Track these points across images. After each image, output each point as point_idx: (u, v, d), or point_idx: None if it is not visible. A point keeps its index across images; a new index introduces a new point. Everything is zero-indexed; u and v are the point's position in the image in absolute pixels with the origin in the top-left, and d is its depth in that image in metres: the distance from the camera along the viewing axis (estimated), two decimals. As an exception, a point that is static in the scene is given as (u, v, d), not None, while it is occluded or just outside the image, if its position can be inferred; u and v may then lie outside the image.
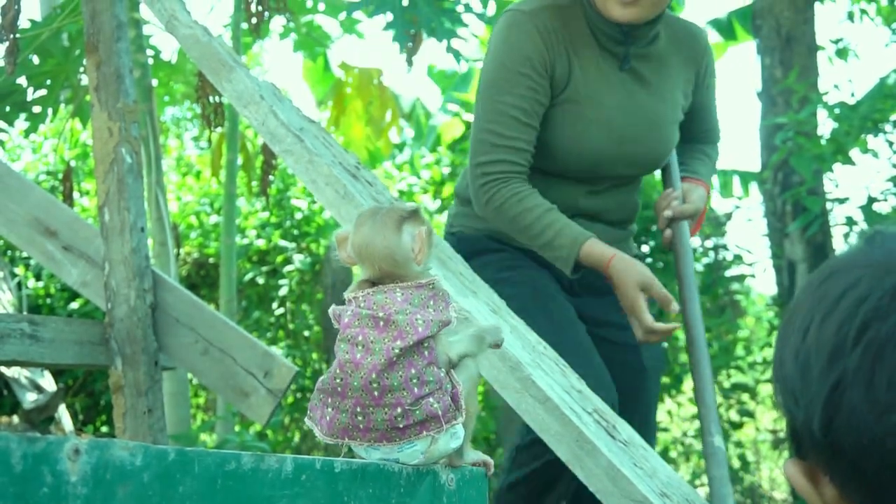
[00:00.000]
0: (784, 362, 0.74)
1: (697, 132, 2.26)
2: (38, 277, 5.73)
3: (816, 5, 5.48)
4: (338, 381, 1.19)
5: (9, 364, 2.50)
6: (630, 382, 2.07)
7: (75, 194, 5.55)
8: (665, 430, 5.34)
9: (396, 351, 1.17)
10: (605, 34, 1.98)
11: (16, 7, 3.00)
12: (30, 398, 4.45)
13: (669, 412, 5.37)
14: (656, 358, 2.23)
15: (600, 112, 1.99)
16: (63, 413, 4.63)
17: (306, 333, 6.36)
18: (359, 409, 1.19)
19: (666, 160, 2.17)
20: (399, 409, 1.17)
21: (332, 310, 1.26)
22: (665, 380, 4.55)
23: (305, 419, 1.25)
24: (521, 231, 1.97)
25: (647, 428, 2.08)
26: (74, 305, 5.60)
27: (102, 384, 5.38)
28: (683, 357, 4.65)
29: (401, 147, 9.22)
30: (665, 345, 2.32)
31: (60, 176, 4.31)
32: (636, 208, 2.21)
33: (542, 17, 1.95)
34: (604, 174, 2.06)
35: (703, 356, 2.12)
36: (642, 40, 2.01)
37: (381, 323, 1.19)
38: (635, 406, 2.05)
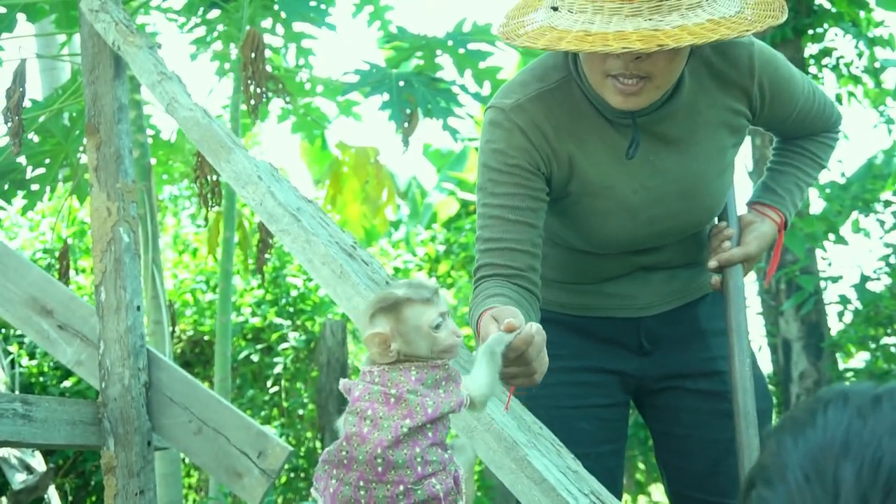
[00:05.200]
0: None
1: (794, 133, 1.92)
2: (31, 356, 5.71)
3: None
4: (343, 453, 1.21)
5: (1, 445, 2.48)
6: (724, 432, 1.83)
7: (71, 272, 5.56)
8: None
9: (405, 430, 1.19)
10: (609, 109, 1.68)
11: (21, 89, 3.06)
12: (19, 479, 4.38)
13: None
14: (761, 397, 1.84)
15: (616, 201, 1.74)
16: (52, 494, 4.56)
17: (301, 412, 6.31)
18: (362, 483, 1.19)
19: (715, 216, 1.84)
20: (401, 487, 1.18)
21: (343, 383, 1.28)
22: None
23: (311, 490, 1.26)
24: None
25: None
26: (67, 384, 5.56)
27: (93, 464, 5.31)
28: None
29: (396, 225, 9.30)
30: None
31: (57, 254, 4.32)
32: (703, 243, 1.89)
33: (527, 111, 1.69)
34: (644, 247, 1.83)
35: (754, 437, 1.75)
36: (655, 107, 1.70)
37: (393, 400, 1.21)
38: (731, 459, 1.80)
